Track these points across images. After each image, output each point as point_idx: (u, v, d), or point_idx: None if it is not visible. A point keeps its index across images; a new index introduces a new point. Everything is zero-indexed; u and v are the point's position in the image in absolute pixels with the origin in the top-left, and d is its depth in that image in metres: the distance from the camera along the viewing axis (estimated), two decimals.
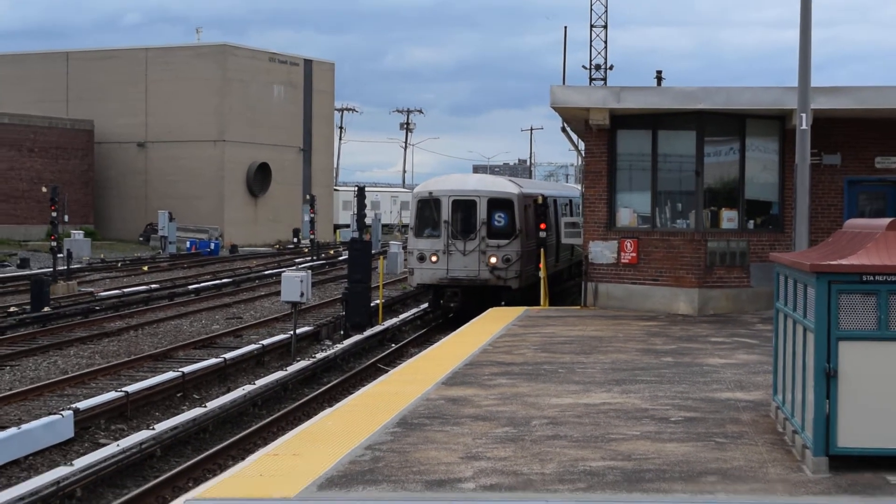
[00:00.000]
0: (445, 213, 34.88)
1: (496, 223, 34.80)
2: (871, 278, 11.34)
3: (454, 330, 26.08)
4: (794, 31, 21.87)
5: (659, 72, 68.00)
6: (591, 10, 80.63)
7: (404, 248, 52.45)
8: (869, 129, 28.10)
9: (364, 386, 19.26)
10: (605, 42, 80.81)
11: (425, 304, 37.44)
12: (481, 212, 34.71)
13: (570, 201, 46.31)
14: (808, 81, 21.58)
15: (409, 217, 36.64)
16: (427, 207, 35.51)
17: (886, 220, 12.13)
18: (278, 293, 33.37)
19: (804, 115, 21.34)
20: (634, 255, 28.04)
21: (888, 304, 11.33)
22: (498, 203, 35.05)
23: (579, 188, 53.83)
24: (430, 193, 35.58)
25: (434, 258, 34.66)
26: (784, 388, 13.53)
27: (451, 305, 34.73)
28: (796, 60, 21.66)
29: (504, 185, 36.41)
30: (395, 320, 34.37)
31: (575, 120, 29.92)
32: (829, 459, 11.57)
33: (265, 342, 29.12)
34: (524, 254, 34.87)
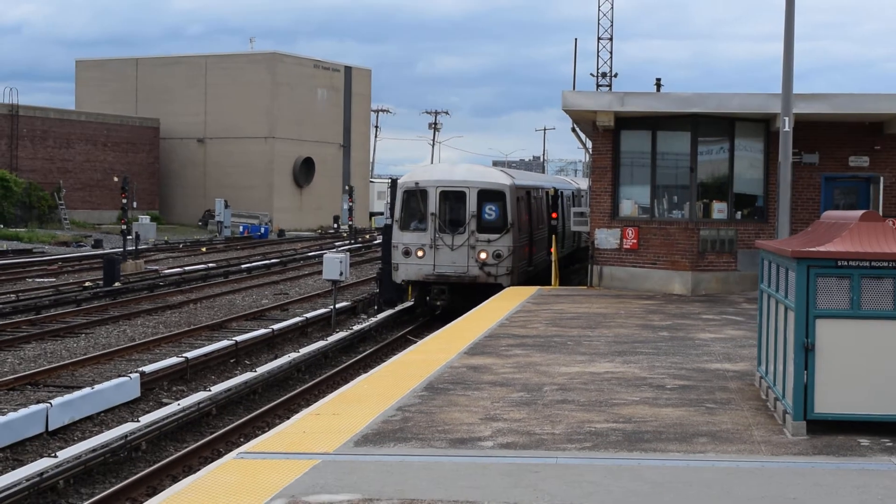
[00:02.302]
0: (432, 204, 29.85)
1: (487, 216, 29.86)
2: (846, 263, 11.28)
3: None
4: (779, 45, 21.75)
5: (658, 79, 67.96)
6: (599, 24, 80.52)
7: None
8: (844, 131, 27.92)
9: (395, 355, 19.24)
10: (611, 53, 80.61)
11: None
12: (471, 204, 29.74)
13: (562, 193, 40.65)
14: (791, 89, 21.47)
15: (395, 209, 30.96)
16: (413, 199, 30.28)
17: (859, 213, 12.07)
18: (320, 272, 33.41)
19: (787, 118, 21.23)
20: (635, 241, 27.95)
21: (860, 286, 11.27)
22: (489, 195, 29.95)
23: (570, 180, 52.72)
24: (417, 184, 30.24)
25: (420, 253, 29.81)
26: (767, 360, 13.48)
27: (438, 304, 29.95)
28: (780, 70, 21.55)
29: (495, 176, 31.13)
30: None
31: (583, 121, 29.80)
32: (807, 423, 11.52)
33: (308, 315, 29.14)
34: (516, 249, 30.16)
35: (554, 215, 34.24)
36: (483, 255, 29.56)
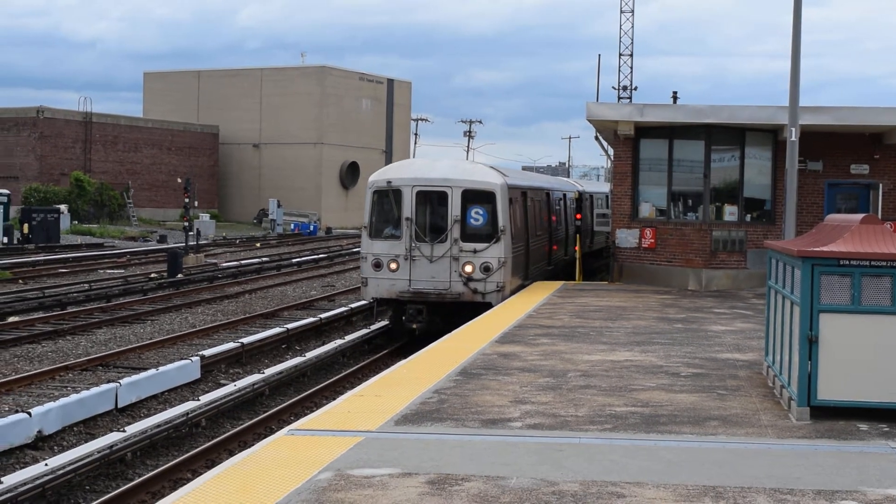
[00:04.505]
0: (408, 208, 23.43)
1: (473, 221, 23.43)
2: (847, 262, 11.21)
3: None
4: (787, 62, 21.62)
5: (675, 92, 67.58)
6: (620, 41, 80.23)
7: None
8: (846, 141, 27.73)
9: (432, 342, 19.28)
10: (631, 68, 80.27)
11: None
12: (454, 207, 23.31)
13: (565, 195, 34.62)
14: (797, 102, 21.34)
15: (365, 212, 24.79)
16: (386, 200, 24.00)
17: (860, 216, 12.00)
18: None
19: (794, 129, 21.11)
20: (653, 240, 27.85)
21: (860, 283, 11.19)
22: (475, 196, 23.49)
23: (574, 181, 50.95)
24: (389, 182, 23.81)
25: (393, 265, 23.40)
26: (774, 351, 13.41)
27: (414, 326, 23.40)
28: (788, 84, 21.43)
29: (483, 174, 24.30)
30: None
31: (606, 130, 29.72)
32: (810, 409, 11.46)
33: (353, 305, 29.19)
34: (508, 260, 23.70)
35: (578, 216, 33.97)
36: (468, 269, 23.29)
